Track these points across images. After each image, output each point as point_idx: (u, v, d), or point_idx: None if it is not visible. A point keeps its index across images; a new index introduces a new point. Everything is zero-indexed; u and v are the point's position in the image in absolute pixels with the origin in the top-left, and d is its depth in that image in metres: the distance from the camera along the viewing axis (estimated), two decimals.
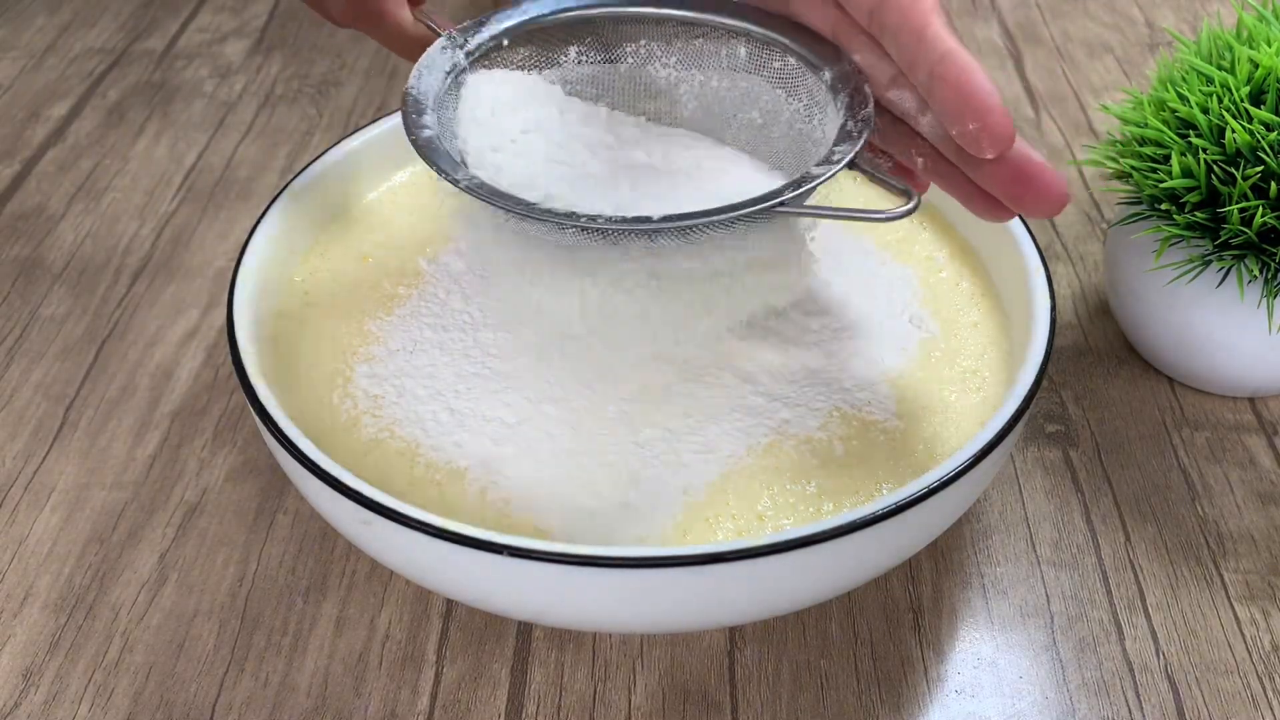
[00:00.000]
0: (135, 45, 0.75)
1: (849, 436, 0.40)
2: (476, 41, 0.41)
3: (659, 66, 0.43)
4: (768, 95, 0.41)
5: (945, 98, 0.33)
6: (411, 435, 0.40)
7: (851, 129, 0.36)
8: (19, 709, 0.39)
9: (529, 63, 0.42)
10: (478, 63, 0.41)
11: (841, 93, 0.38)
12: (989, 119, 0.32)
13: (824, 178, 0.35)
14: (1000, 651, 0.40)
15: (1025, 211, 0.34)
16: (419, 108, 0.38)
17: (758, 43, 0.41)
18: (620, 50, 0.42)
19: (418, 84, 0.39)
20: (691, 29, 0.42)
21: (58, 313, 0.55)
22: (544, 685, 0.39)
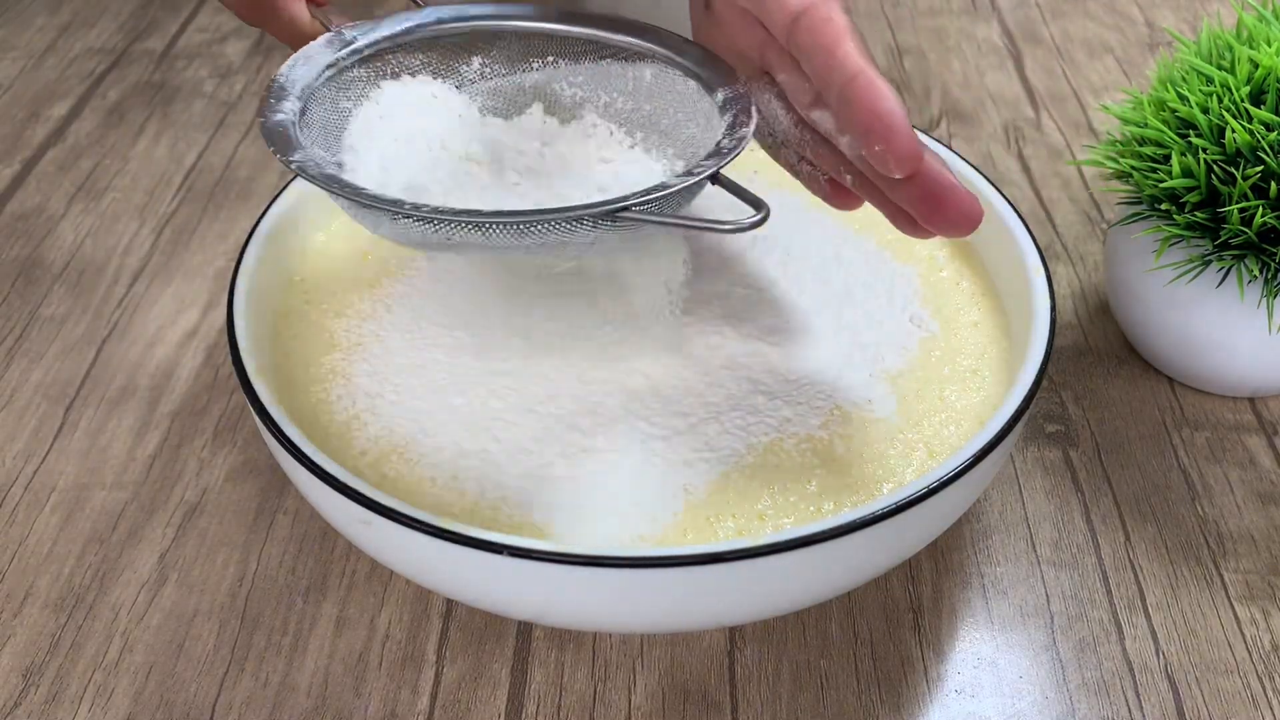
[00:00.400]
0: (135, 45, 0.75)
1: (850, 435, 0.40)
2: (368, 40, 0.40)
3: (564, 85, 0.42)
4: (668, 118, 0.40)
5: (853, 119, 0.33)
6: (411, 434, 0.40)
7: (725, 145, 0.36)
8: (19, 709, 0.39)
9: (426, 69, 0.41)
10: (366, 62, 0.40)
11: (728, 113, 0.37)
12: (894, 140, 0.32)
13: (677, 187, 0.34)
14: (1000, 651, 0.40)
15: (937, 230, 0.34)
16: (281, 93, 0.37)
17: (662, 64, 0.40)
18: (525, 65, 0.42)
19: (289, 72, 0.38)
20: (599, 48, 0.41)
21: (58, 313, 0.55)
22: (544, 685, 0.39)
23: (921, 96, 0.69)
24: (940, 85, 0.70)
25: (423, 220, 0.33)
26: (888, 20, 0.77)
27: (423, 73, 0.41)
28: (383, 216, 0.34)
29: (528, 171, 0.40)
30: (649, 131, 0.41)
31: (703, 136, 0.38)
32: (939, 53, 0.73)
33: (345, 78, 0.40)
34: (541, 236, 0.34)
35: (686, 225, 0.34)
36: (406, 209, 0.33)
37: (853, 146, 0.36)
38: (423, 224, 0.34)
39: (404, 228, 0.34)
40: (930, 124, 0.66)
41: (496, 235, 0.34)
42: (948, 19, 0.77)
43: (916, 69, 0.71)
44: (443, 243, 0.35)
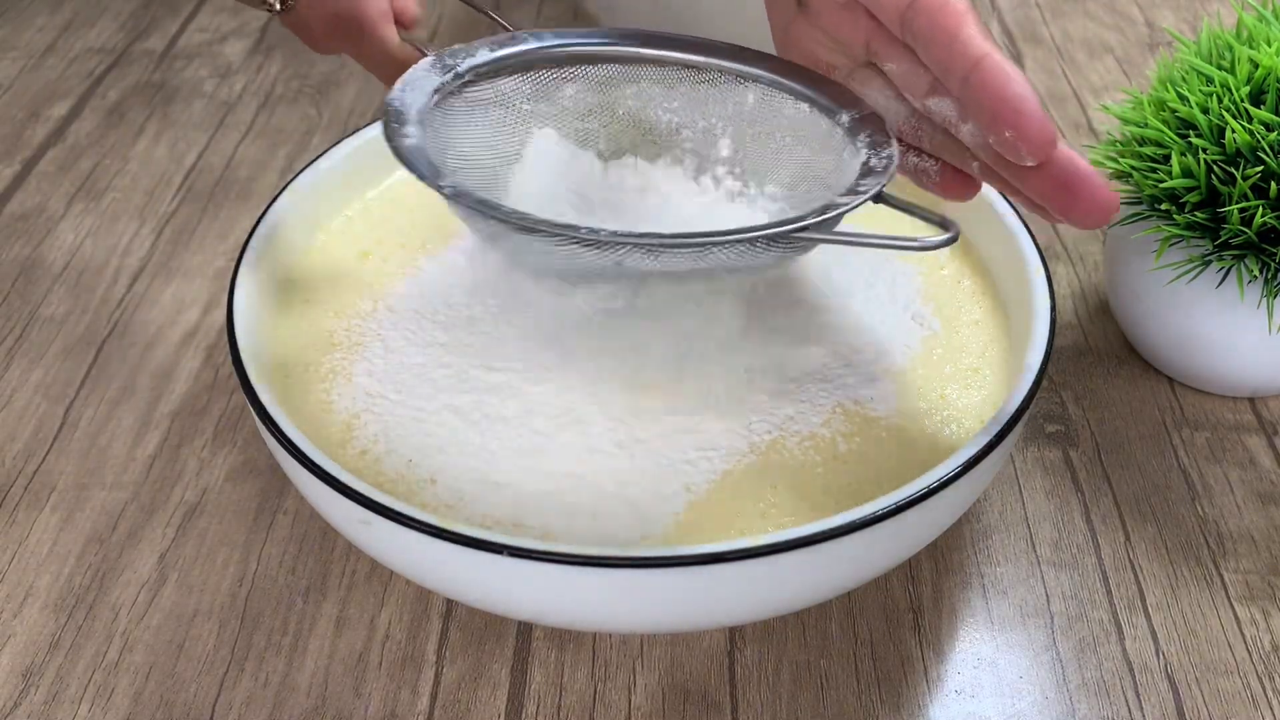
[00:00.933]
0: (135, 45, 0.75)
1: (852, 433, 0.40)
2: (467, 65, 0.40)
3: (660, 111, 0.42)
4: (774, 142, 0.40)
5: (980, 105, 0.32)
6: (412, 434, 0.40)
7: (875, 165, 0.36)
8: (19, 709, 0.39)
9: (522, 95, 0.41)
10: (467, 87, 0.40)
11: (860, 133, 0.37)
12: (1025, 124, 0.31)
13: (849, 206, 0.34)
14: (1000, 651, 0.40)
15: (1072, 221, 0.33)
16: (401, 118, 0.37)
17: (767, 88, 0.40)
18: (618, 91, 0.42)
19: (400, 97, 0.38)
20: (697, 73, 0.41)
21: (58, 313, 0.55)
22: (544, 685, 0.39)
23: None
24: None
25: (594, 245, 0.33)
26: None
27: (523, 102, 0.41)
28: (538, 241, 0.34)
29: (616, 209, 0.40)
30: (754, 155, 0.40)
31: (818, 159, 0.38)
32: None
33: (448, 104, 0.39)
34: (714, 259, 0.34)
35: (875, 244, 0.34)
36: (583, 233, 0.33)
37: (975, 135, 0.34)
38: (592, 249, 0.34)
39: (561, 254, 0.34)
40: None
41: (669, 259, 0.34)
42: None
43: None
44: (597, 269, 0.35)
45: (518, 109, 0.41)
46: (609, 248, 0.34)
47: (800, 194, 0.39)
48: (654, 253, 0.34)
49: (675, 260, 0.34)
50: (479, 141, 0.40)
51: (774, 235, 0.34)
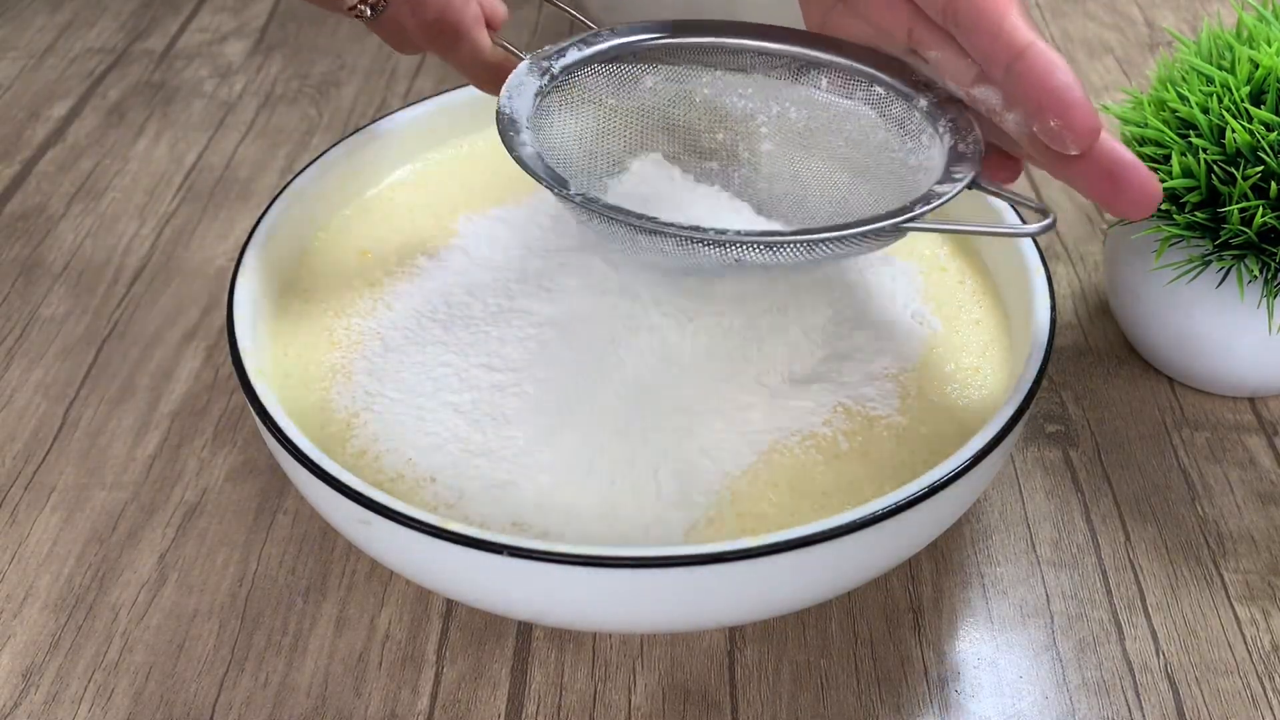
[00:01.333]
0: (135, 45, 0.75)
1: (853, 432, 0.40)
2: (561, 65, 0.40)
3: (735, 97, 0.42)
4: (851, 125, 0.41)
5: (1025, 94, 0.32)
6: (411, 433, 0.40)
7: (965, 150, 0.36)
8: (19, 709, 0.39)
9: (606, 91, 0.42)
10: (559, 88, 0.41)
11: (942, 117, 0.37)
12: (1071, 114, 0.31)
13: (952, 194, 0.35)
14: (1000, 651, 0.40)
15: (1116, 212, 0.33)
16: (515, 126, 0.38)
17: (841, 73, 0.40)
18: (694, 81, 0.42)
19: (509, 104, 0.39)
20: (770, 60, 0.42)
21: (58, 313, 0.55)
22: (544, 685, 0.39)
23: None
24: None
25: (718, 245, 0.35)
26: None
27: (605, 96, 0.42)
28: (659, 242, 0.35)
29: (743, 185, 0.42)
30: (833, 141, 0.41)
31: (895, 144, 0.39)
32: None
33: (545, 104, 0.40)
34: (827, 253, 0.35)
35: (977, 232, 0.35)
36: (710, 235, 0.34)
37: (1020, 124, 0.34)
38: (715, 248, 0.35)
39: (683, 253, 0.35)
40: None
41: (785, 254, 0.35)
42: None
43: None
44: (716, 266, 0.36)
45: (604, 104, 0.42)
46: (732, 246, 0.35)
47: (881, 179, 0.40)
48: (773, 249, 0.35)
49: (790, 254, 0.35)
50: (575, 139, 0.41)
51: (882, 229, 0.34)
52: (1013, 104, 0.34)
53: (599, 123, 0.42)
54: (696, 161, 0.42)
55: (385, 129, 0.50)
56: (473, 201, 0.49)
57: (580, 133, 0.41)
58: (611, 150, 0.42)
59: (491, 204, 0.49)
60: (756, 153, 0.43)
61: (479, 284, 0.45)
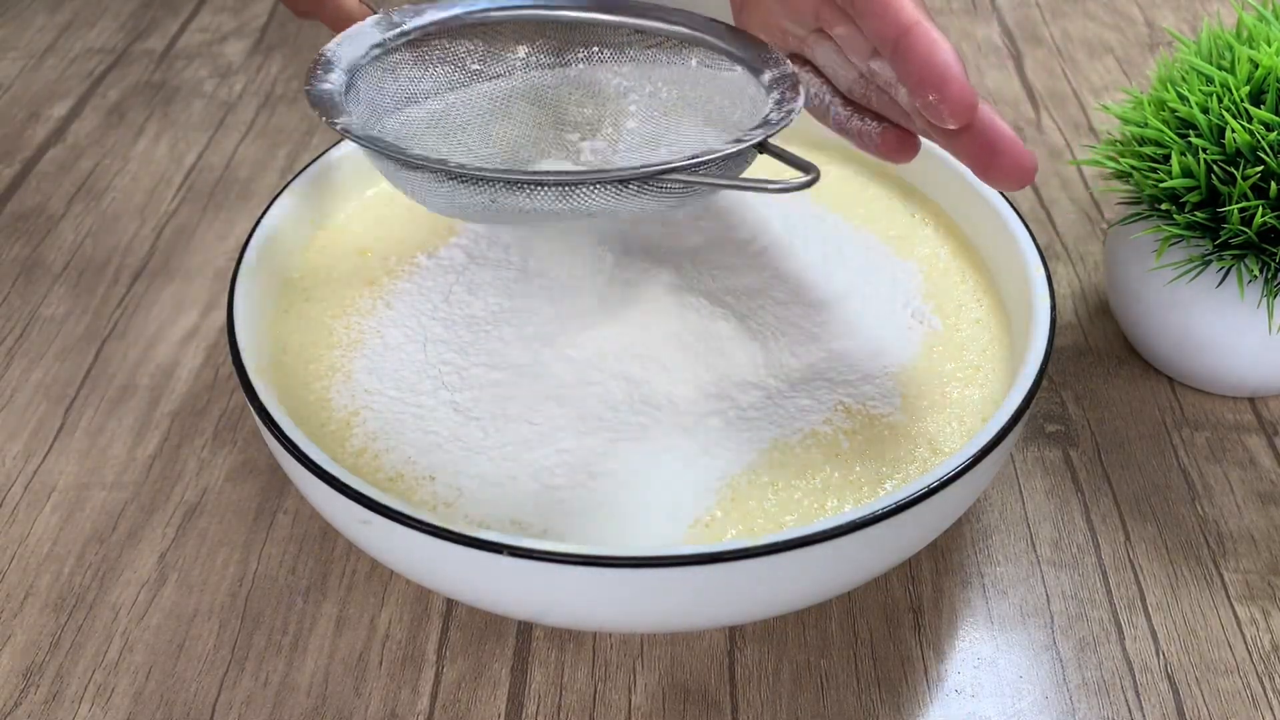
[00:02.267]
0: (135, 45, 0.75)
1: (854, 431, 0.40)
2: (416, 24, 0.41)
3: (609, 74, 0.43)
4: (713, 105, 0.41)
5: (908, 70, 0.33)
6: (411, 431, 0.40)
7: (772, 117, 0.37)
8: (19, 709, 0.39)
9: (472, 56, 0.42)
10: (413, 45, 0.41)
11: (775, 90, 0.38)
12: (948, 89, 0.33)
13: (724, 153, 0.35)
14: (1000, 651, 0.40)
15: (993, 183, 0.35)
16: (328, 66, 0.39)
17: (706, 50, 0.41)
18: (570, 55, 0.43)
19: (335, 48, 0.39)
20: (644, 37, 0.42)
21: (58, 313, 0.55)
22: (544, 685, 0.39)
23: None
24: None
25: (462, 180, 0.34)
26: None
27: (469, 60, 0.42)
28: (425, 179, 0.35)
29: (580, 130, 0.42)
30: (694, 119, 0.41)
31: (749, 120, 0.39)
32: None
33: (391, 59, 0.41)
34: (584, 201, 0.35)
35: (733, 186, 0.35)
36: (452, 168, 0.34)
37: (909, 98, 0.36)
38: (465, 185, 0.34)
39: (447, 192, 0.35)
40: None
41: (541, 198, 0.34)
42: (948, 19, 0.77)
43: None
44: (484, 207, 0.35)
45: (466, 69, 0.42)
46: (483, 184, 0.35)
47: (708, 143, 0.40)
48: (525, 190, 0.34)
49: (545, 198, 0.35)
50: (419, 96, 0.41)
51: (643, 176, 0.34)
52: (901, 80, 0.35)
53: (455, 83, 0.42)
54: (556, 134, 0.42)
55: None
56: None
57: (432, 91, 0.41)
58: (465, 117, 0.42)
59: None
60: (620, 130, 0.43)
61: (479, 283, 0.45)
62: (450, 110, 0.41)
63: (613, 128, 0.43)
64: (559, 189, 0.34)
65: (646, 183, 0.35)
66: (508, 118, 0.42)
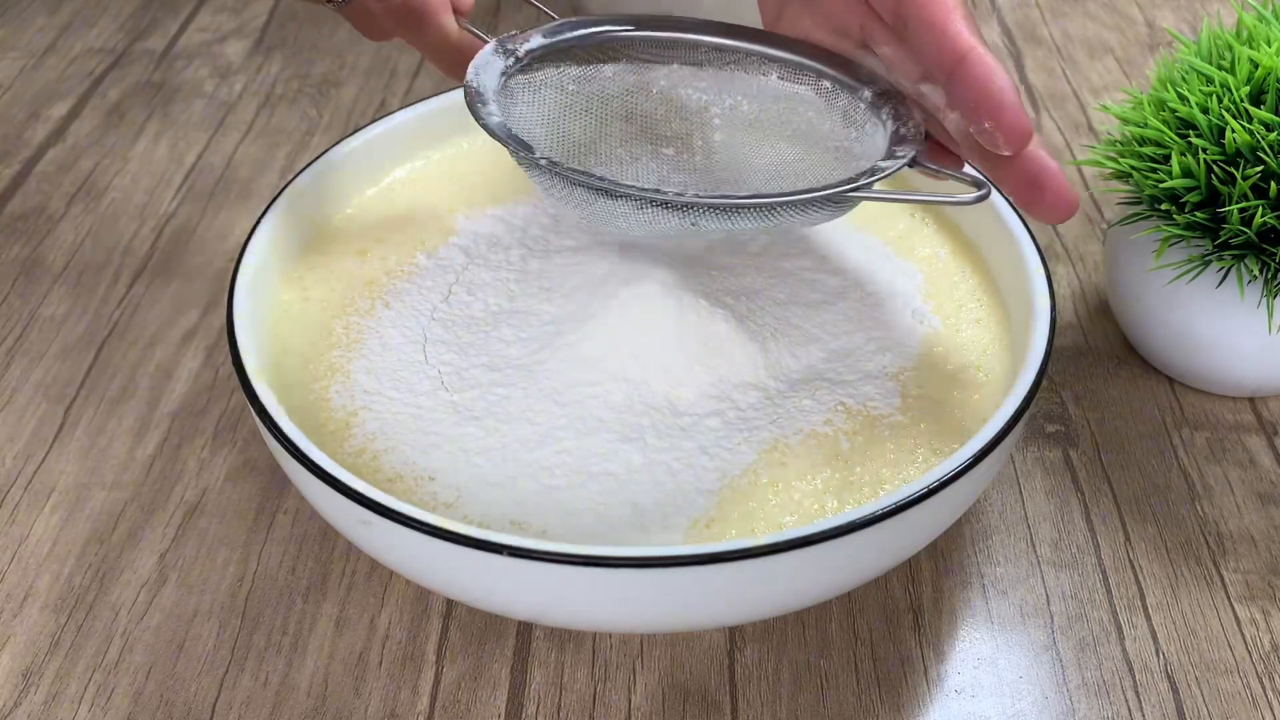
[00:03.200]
0: (135, 45, 0.75)
1: (854, 431, 0.40)
2: (525, 49, 0.42)
3: (690, 90, 0.44)
4: (799, 118, 0.42)
5: (964, 95, 0.33)
6: (410, 431, 0.40)
7: (906, 134, 0.38)
8: (19, 709, 0.39)
9: (568, 78, 0.43)
10: (522, 71, 0.42)
11: (885, 107, 0.40)
12: (1004, 116, 0.33)
13: (894, 168, 0.37)
14: (1000, 651, 0.40)
15: (1033, 214, 0.35)
16: (482, 98, 0.40)
17: (790, 68, 0.42)
18: (652, 73, 0.44)
19: (476, 79, 0.40)
20: (724, 54, 0.43)
21: (58, 313, 0.55)
22: (544, 685, 0.39)
23: None
24: None
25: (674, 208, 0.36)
26: None
27: (570, 83, 0.43)
28: (618, 205, 0.37)
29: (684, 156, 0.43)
30: (781, 131, 0.42)
31: (840, 132, 0.41)
32: None
33: (510, 85, 0.42)
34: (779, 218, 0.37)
35: (913, 201, 0.37)
36: (668, 197, 0.36)
37: (958, 123, 0.36)
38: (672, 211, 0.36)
39: (643, 218, 0.37)
40: None
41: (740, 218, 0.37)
42: None
43: None
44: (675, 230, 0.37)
45: (566, 90, 0.43)
46: (687, 210, 0.36)
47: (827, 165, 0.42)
48: (728, 213, 0.37)
49: (745, 219, 0.37)
50: (538, 121, 0.42)
51: (829, 196, 0.36)
52: (952, 104, 0.35)
53: (561, 106, 0.43)
54: (652, 148, 0.43)
55: (385, 129, 0.50)
56: (472, 201, 0.49)
57: (543, 115, 0.42)
58: (572, 132, 0.43)
59: (491, 204, 0.49)
60: (710, 141, 0.44)
61: (479, 284, 0.45)
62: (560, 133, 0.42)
63: (703, 141, 0.44)
64: (755, 210, 0.36)
65: (829, 199, 0.36)
66: (607, 137, 0.43)
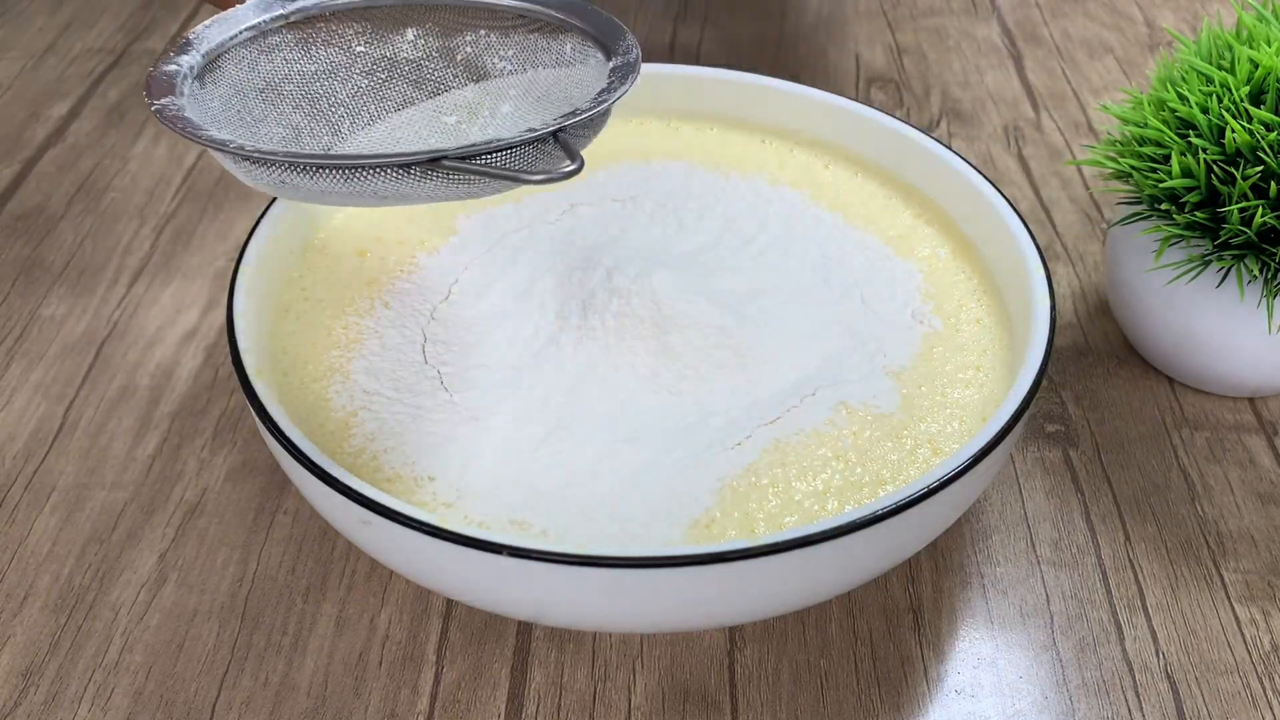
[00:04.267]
0: (135, 45, 0.75)
1: (854, 431, 0.40)
2: (297, 6, 0.42)
3: (496, 59, 0.43)
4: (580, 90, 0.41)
5: None
6: (409, 430, 0.40)
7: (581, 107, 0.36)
8: (19, 709, 0.39)
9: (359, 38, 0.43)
10: (295, 28, 0.42)
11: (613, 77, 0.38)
12: None
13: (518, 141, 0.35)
14: (1000, 651, 0.40)
15: None
16: (185, 48, 0.39)
17: (580, 37, 0.42)
18: (459, 38, 0.43)
19: (203, 30, 0.40)
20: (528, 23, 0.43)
21: (58, 313, 0.55)
22: (544, 685, 0.39)
23: (921, 96, 0.69)
24: (940, 85, 0.70)
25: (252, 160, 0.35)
26: (887, 20, 0.77)
27: (356, 42, 0.43)
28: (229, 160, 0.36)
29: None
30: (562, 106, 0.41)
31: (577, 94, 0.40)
32: (939, 52, 0.73)
33: (268, 41, 0.41)
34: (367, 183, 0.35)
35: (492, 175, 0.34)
36: (232, 148, 0.35)
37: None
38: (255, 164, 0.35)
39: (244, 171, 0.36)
40: (930, 124, 0.66)
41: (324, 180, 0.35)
42: (947, 19, 0.77)
43: (916, 69, 0.71)
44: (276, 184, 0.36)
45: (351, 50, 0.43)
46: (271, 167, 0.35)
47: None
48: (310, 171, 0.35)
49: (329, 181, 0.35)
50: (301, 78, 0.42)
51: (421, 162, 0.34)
52: None
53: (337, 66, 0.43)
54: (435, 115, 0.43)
55: None
56: (472, 202, 0.49)
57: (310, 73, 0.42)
58: (339, 95, 0.43)
59: (491, 203, 0.49)
60: (497, 113, 0.43)
61: (478, 283, 0.45)
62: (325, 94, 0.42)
63: (490, 112, 0.43)
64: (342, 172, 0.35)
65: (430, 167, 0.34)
66: (381, 100, 0.42)
